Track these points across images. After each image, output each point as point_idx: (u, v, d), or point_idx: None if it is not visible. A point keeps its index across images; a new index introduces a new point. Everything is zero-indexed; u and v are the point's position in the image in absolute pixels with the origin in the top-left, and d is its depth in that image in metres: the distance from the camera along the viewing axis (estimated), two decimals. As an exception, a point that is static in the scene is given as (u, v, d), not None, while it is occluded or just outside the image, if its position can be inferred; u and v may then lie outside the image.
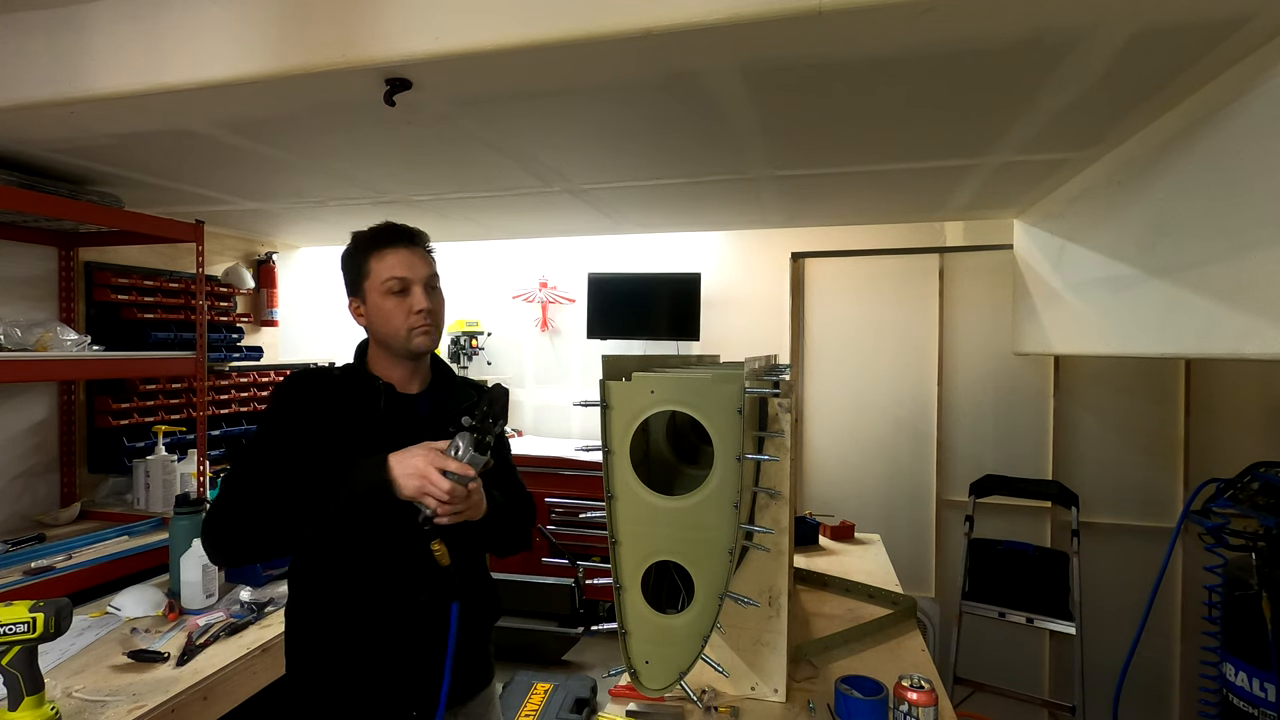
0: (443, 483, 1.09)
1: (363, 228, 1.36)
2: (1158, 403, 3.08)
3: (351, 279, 1.32)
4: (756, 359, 1.43)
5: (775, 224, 3.25)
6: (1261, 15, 1.15)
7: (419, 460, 1.11)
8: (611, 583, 1.07)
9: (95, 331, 2.53)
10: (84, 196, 2.20)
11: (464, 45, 1.27)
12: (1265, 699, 1.85)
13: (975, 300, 3.38)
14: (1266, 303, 1.28)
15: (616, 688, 1.44)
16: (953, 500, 3.38)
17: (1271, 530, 1.87)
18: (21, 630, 1.18)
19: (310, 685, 1.26)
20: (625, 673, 1.07)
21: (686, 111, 1.63)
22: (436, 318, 1.31)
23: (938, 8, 1.10)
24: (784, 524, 1.36)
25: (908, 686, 1.21)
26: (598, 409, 1.08)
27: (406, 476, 1.10)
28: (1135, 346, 1.88)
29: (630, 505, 1.06)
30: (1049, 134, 1.78)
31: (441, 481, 1.09)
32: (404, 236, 1.30)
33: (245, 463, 1.23)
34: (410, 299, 1.27)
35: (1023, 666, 3.22)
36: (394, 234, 1.30)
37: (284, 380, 1.31)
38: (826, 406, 3.61)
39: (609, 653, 3.34)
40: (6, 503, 2.36)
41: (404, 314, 1.26)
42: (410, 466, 1.10)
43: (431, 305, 1.28)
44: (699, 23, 1.16)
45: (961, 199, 2.57)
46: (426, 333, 1.28)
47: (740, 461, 1.01)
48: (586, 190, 2.48)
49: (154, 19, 1.46)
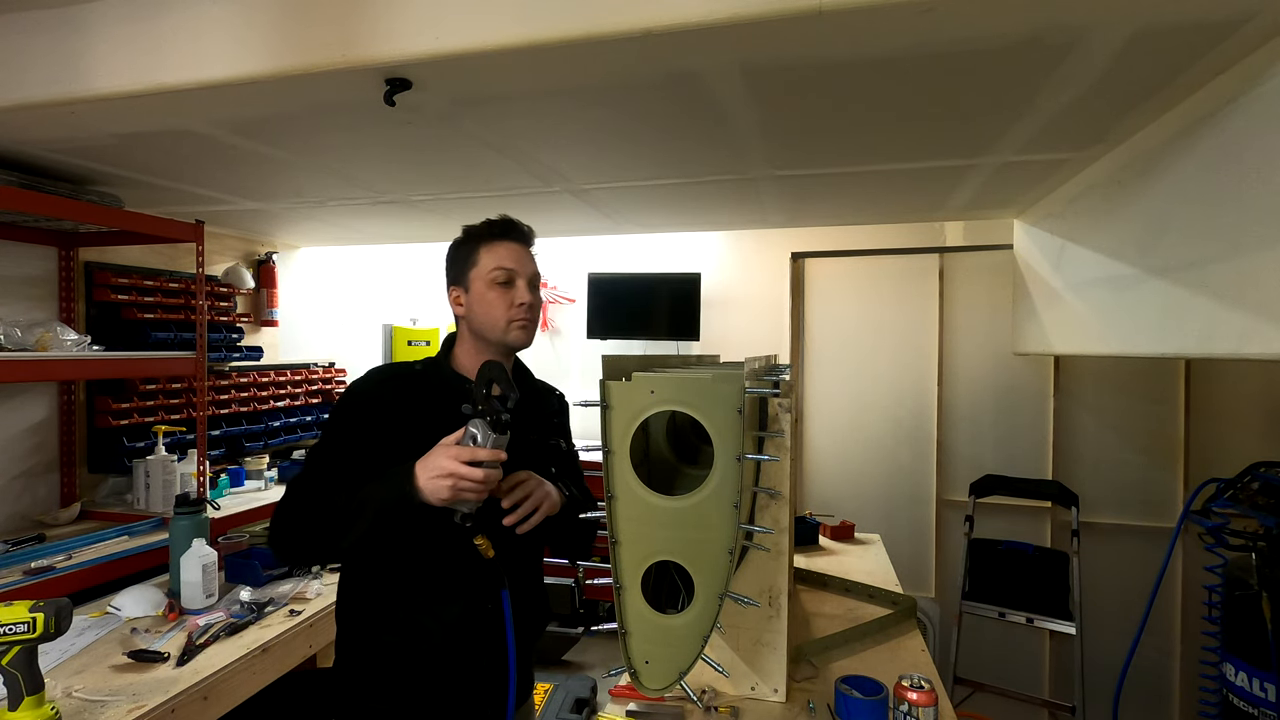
0: (475, 473, 1.07)
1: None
2: (1158, 403, 3.08)
3: (458, 268, 1.32)
4: (756, 359, 1.43)
5: (775, 224, 3.25)
6: (1261, 15, 1.15)
7: (442, 460, 1.08)
8: (611, 583, 1.07)
9: (95, 331, 2.53)
10: (84, 196, 2.20)
11: (464, 45, 1.27)
12: (1265, 699, 1.85)
13: (975, 300, 3.38)
14: (1266, 303, 1.28)
15: (616, 688, 1.44)
16: (953, 500, 3.38)
17: (1271, 530, 1.87)
18: (21, 630, 1.18)
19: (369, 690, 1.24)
20: (625, 673, 1.07)
21: (686, 112, 1.63)
22: (535, 314, 1.31)
23: (937, 8, 1.10)
24: (784, 524, 1.36)
25: (908, 686, 1.21)
26: (598, 409, 1.08)
27: (435, 480, 1.07)
28: (1135, 346, 1.88)
29: (630, 505, 1.06)
30: (1049, 134, 1.78)
31: (473, 472, 1.07)
32: (517, 232, 1.32)
33: (310, 464, 1.23)
34: (514, 292, 1.27)
35: (1023, 666, 3.22)
36: (508, 228, 1.32)
37: (360, 378, 1.29)
38: (826, 406, 3.61)
39: (609, 653, 3.35)
40: (6, 503, 2.36)
41: (506, 305, 1.26)
42: (436, 469, 1.08)
43: (532, 300, 1.29)
44: (699, 23, 1.16)
45: (961, 199, 2.57)
46: (524, 327, 1.28)
47: (740, 461, 1.01)
48: (586, 190, 2.48)
49: (154, 19, 1.46)
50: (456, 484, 1.07)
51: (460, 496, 1.08)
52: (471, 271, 1.29)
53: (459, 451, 1.08)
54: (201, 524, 1.90)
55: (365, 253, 4.13)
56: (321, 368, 3.78)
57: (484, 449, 1.08)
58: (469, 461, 1.07)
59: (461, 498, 1.09)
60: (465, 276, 1.30)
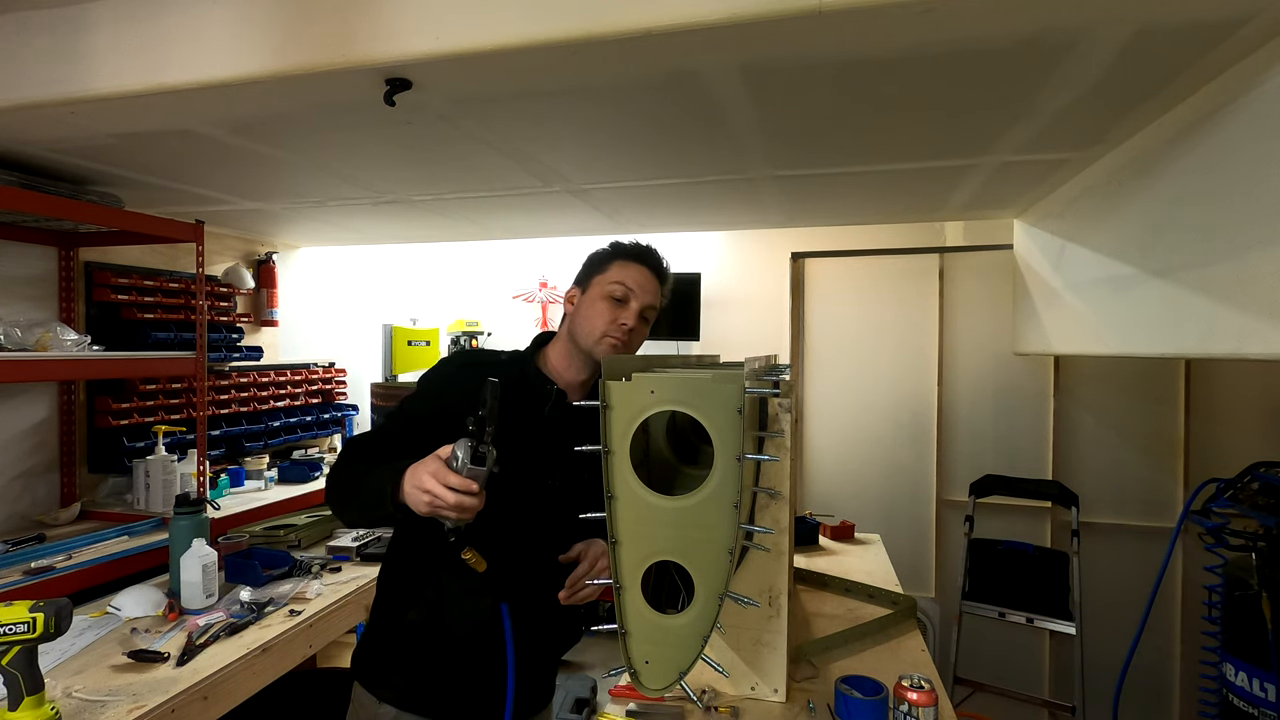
0: (447, 495, 1.05)
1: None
2: (1158, 403, 3.08)
3: (587, 272, 1.36)
4: (756, 359, 1.43)
5: (775, 224, 3.25)
6: (1261, 15, 1.15)
7: (423, 473, 1.07)
8: (611, 583, 1.07)
9: (95, 331, 2.53)
10: (84, 196, 2.20)
11: (464, 45, 1.27)
12: (1265, 699, 1.85)
13: (975, 300, 3.38)
14: (1266, 303, 1.28)
15: (616, 688, 1.44)
16: (953, 500, 3.38)
17: (1271, 530, 1.87)
18: (21, 630, 1.18)
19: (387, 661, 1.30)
20: (625, 673, 1.07)
21: (686, 112, 1.63)
22: (632, 339, 1.31)
23: (937, 8, 1.10)
24: (784, 524, 1.36)
25: (908, 686, 1.21)
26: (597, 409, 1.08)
27: (414, 491, 1.07)
28: (1135, 346, 1.88)
29: (630, 505, 1.06)
30: (1049, 134, 1.78)
31: (446, 495, 1.05)
32: (653, 260, 1.34)
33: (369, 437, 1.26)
34: (623, 310, 1.29)
35: (1023, 666, 3.22)
36: (646, 254, 1.34)
37: (443, 360, 1.33)
38: (826, 406, 3.61)
39: (609, 653, 3.34)
40: (6, 503, 2.36)
41: (609, 319, 1.28)
42: (416, 479, 1.07)
43: (635, 326, 1.29)
44: (699, 23, 1.16)
45: (961, 199, 2.57)
46: (615, 346, 1.28)
47: (740, 461, 1.01)
48: (586, 190, 2.48)
49: (154, 19, 1.46)
50: (432, 501, 1.06)
51: (436, 514, 1.07)
52: (595, 277, 1.33)
53: (438, 469, 1.06)
54: (201, 524, 1.90)
55: (365, 253, 4.13)
56: (321, 368, 3.78)
57: (455, 475, 1.05)
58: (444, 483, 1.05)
59: (438, 515, 1.07)
60: (589, 280, 1.34)
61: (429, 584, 1.28)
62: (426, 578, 1.28)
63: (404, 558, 1.33)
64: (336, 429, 3.82)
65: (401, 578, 1.33)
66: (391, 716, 1.27)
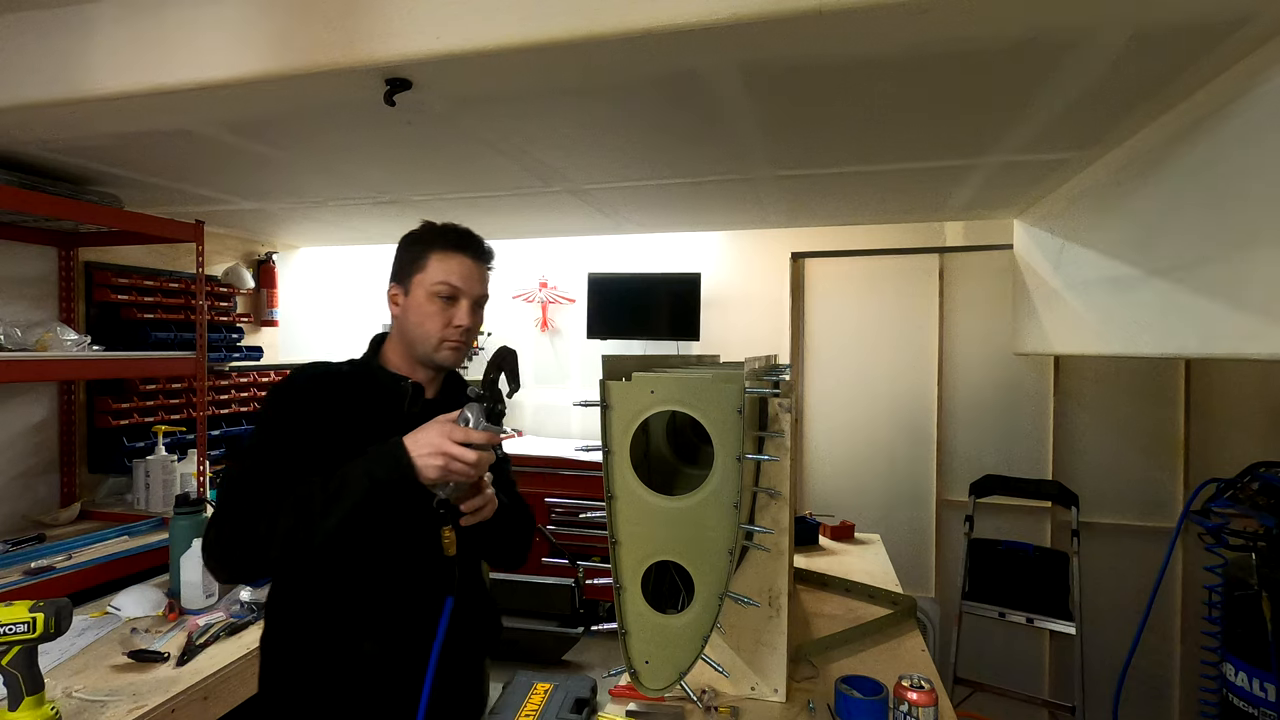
0: (468, 454, 1.05)
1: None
2: (1158, 403, 3.08)
3: (404, 266, 1.25)
4: (756, 359, 1.43)
5: (775, 224, 3.25)
6: (1261, 15, 1.15)
7: (435, 437, 1.05)
8: (611, 583, 1.07)
9: (95, 331, 2.53)
10: (84, 196, 2.20)
11: (464, 45, 1.27)
12: (1265, 699, 1.85)
13: (975, 300, 3.38)
14: (1266, 303, 1.28)
15: (616, 688, 1.44)
16: (953, 500, 3.38)
17: (1271, 530, 1.87)
18: (21, 630, 1.18)
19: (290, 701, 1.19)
20: (625, 673, 1.07)
21: (687, 112, 1.63)
22: (470, 337, 1.26)
23: (936, 8, 1.10)
24: (784, 524, 1.36)
25: (908, 686, 1.21)
26: (598, 409, 1.08)
27: (427, 457, 1.05)
28: (1135, 346, 1.88)
29: (630, 505, 1.06)
30: (1049, 134, 1.78)
31: (466, 453, 1.05)
32: (475, 247, 1.25)
33: (249, 468, 1.14)
34: (454, 310, 1.22)
35: (1023, 666, 3.22)
36: (466, 241, 1.25)
37: (288, 377, 1.22)
38: (826, 406, 3.61)
39: (609, 653, 3.34)
40: (6, 503, 2.36)
41: (442, 323, 1.21)
42: (428, 445, 1.05)
43: (471, 324, 1.24)
44: (699, 23, 1.16)
45: (961, 199, 2.57)
46: (456, 349, 1.24)
47: (740, 461, 1.01)
48: (586, 190, 2.48)
49: (154, 19, 1.46)
50: (448, 463, 1.05)
51: (449, 477, 1.06)
52: (416, 276, 1.22)
53: (452, 430, 1.06)
54: (201, 524, 1.90)
55: (365, 253, 4.13)
56: (321, 368, 3.78)
57: (477, 431, 1.07)
58: (461, 442, 1.05)
59: (450, 478, 1.07)
60: (409, 279, 1.23)
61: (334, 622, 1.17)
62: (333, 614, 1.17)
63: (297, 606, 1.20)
64: (336, 429, 3.81)
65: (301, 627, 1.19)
66: None
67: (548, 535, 3.51)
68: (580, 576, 3.34)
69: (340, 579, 1.18)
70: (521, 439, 4.05)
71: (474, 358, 4.14)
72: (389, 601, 1.19)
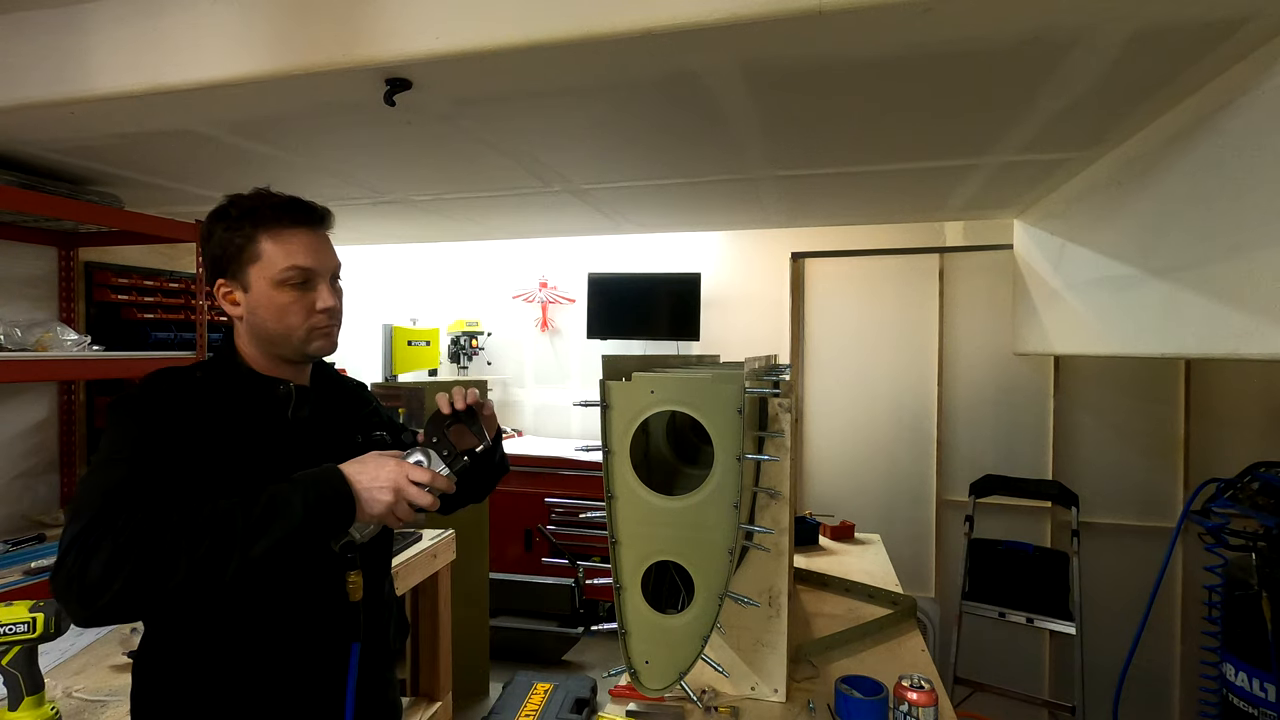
0: (424, 496, 0.95)
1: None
2: (1158, 403, 3.08)
3: (228, 256, 1.01)
4: (756, 359, 1.43)
5: (775, 224, 3.25)
6: (1261, 15, 1.15)
7: (392, 471, 0.94)
8: (611, 583, 1.07)
9: (95, 331, 2.53)
10: (84, 196, 2.20)
11: (464, 45, 1.27)
12: (1265, 699, 1.85)
13: (975, 300, 3.38)
14: (1266, 303, 1.28)
15: (616, 688, 1.44)
16: (953, 500, 3.38)
17: (1271, 530, 1.87)
18: (21, 630, 1.18)
19: None
20: (625, 673, 1.07)
21: (687, 112, 1.63)
22: (339, 318, 1.08)
23: (937, 7, 1.10)
24: (784, 524, 1.36)
25: (908, 686, 1.21)
26: (598, 409, 1.08)
27: (376, 491, 0.92)
28: (1135, 346, 1.88)
29: (630, 505, 1.06)
30: (1049, 134, 1.78)
31: (422, 495, 0.95)
32: (312, 217, 1.06)
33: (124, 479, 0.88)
34: (314, 295, 1.03)
35: (1023, 666, 3.22)
36: (298, 211, 1.04)
37: (140, 386, 0.99)
38: (826, 406, 3.61)
39: (609, 653, 3.34)
40: (6, 503, 2.36)
41: (304, 312, 1.02)
42: (385, 479, 0.93)
43: (335, 304, 1.06)
44: (699, 23, 1.16)
45: (961, 199, 2.57)
46: (328, 335, 1.06)
47: (740, 461, 1.01)
48: (586, 190, 2.48)
49: (154, 19, 1.46)
50: (398, 501, 0.94)
51: (392, 517, 0.95)
52: (251, 267, 1.01)
53: (413, 470, 0.95)
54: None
55: (365, 253, 4.13)
56: (321, 368, 3.78)
57: (441, 476, 0.97)
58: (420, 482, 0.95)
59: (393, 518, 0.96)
60: (242, 271, 1.01)
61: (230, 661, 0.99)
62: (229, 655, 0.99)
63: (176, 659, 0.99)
64: (336, 429, 3.81)
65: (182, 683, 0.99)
66: None
67: (548, 535, 3.52)
68: (580, 576, 3.34)
69: (232, 626, 0.98)
70: (521, 439, 4.05)
71: (474, 357, 4.14)
72: (288, 653, 1.02)
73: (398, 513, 0.95)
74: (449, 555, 2.43)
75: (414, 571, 2.19)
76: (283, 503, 0.88)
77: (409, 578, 2.16)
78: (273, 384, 1.06)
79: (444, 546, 2.39)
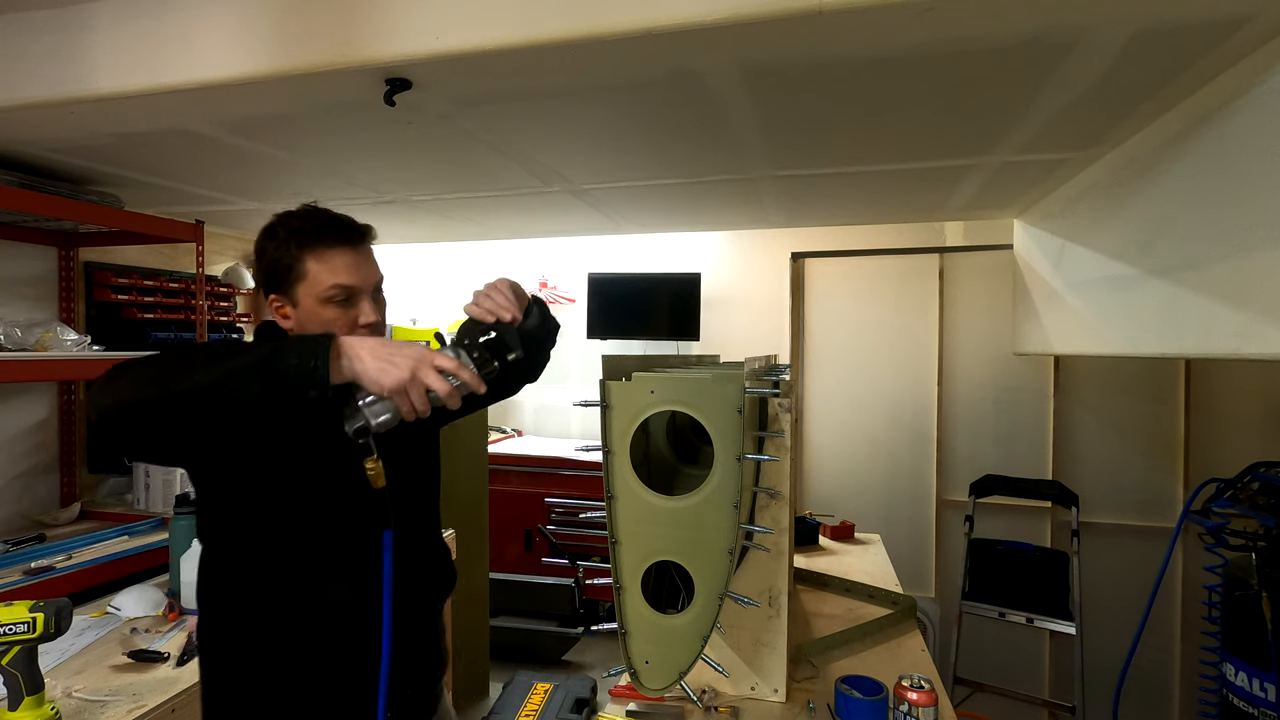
0: (442, 384, 0.90)
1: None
2: (1158, 403, 3.08)
3: (279, 274, 1.09)
4: (756, 359, 1.43)
5: (775, 224, 3.25)
6: (1261, 15, 1.15)
7: (414, 351, 0.90)
8: (611, 583, 1.07)
9: (95, 331, 2.53)
10: (84, 196, 2.20)
11: (464, 45, 1.27)
12: (1265, 699, 1.85)
13: (975, 300, 3.38)
14: (1266, 303, 1.28)
15: (616, 688, 1.44)
16: (953, 500, 3.38)
17: (1271, 530, 1.87)
18: (21, 630, 1.18)
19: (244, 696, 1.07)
20: (625, 673, 1.07)
21: (687, 111, 1.63)
22: (381, 331, 1.12)
23: (937, 7, 1.10)
24: (784, 524, 1.36)
25: (908, 686, 1.21)
26: (598, 409, 1.08)
27: (388, 363, 0.88)
28: (1135, 346, 1.88)
29: (630, 505, 1.06)
30: (1049, 134, 1.78)
31: (441, 383, 0.90)
32: (353, 235, 1.11)
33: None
34: (356, 311, 1.08)
35: (1023, 666, 3.22)
36: (340, 231, 1.10)
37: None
38: (826, 406, 3.61)
39: (609, 653, 3.34)
40: (6, 503, 2.36)
41: (347, 327, 1.07)
42: (402, 354, 0.89)
43: (378, 318, 1.10)
44: (699, 23, 1.16)
45: (961, 199, 2.57)
46: None
47: (740, 461, 1.01)
48: (586, 190, 2.48)
49: (154, 19, 1.46)
50: (414, 381, 0.89)
51: (404, 398, 0.90)
52: (299, 286, 1.07)
53: (439, 356, 0.91)
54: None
55: (365, 253, 4.13)
56: (321, 368, 3.78)
57: (468, 369, 0.94)
58: (445, 369, 0.91)
59: (403, 402, 0.91)
60: (291, 289, 1.08)
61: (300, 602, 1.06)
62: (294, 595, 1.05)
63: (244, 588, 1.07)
64: (336, 429, 3.81)
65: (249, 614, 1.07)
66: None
67: (548, 535, 3.51)
68: (580, 576, 3.34)
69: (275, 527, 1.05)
70: (521, 439, 4.05)
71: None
72: (327, 543, 1.07)
73: (413, 395, 0.90)
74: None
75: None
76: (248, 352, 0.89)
77: (409, 578, 2.16)
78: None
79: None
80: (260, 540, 1.06)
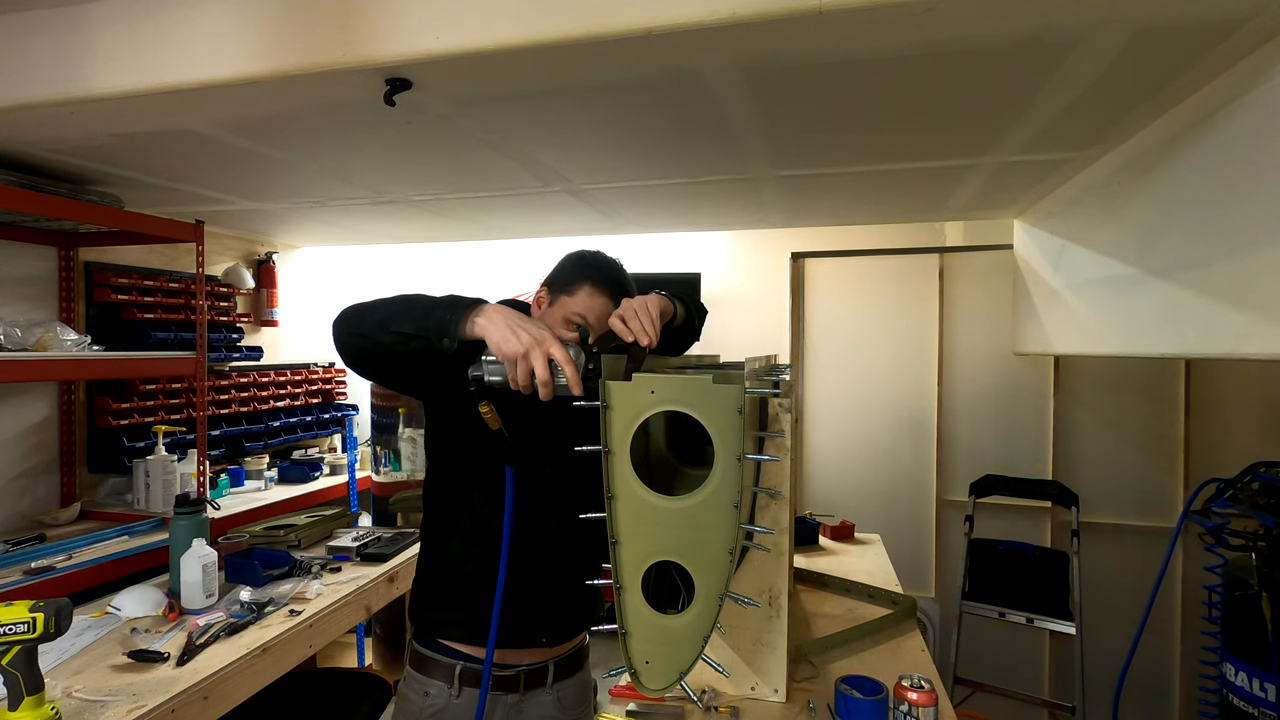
0: (544, 370, 1.03)
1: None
2: (1158, 403, 3.08)
3: (561, 281, 1.35)
4: (756, 359, 1.43)
5: (775, 224, 3.25)
6: (1261, 15, 1.15)
7: (541, 331, 1.05)
8: (611, 583, 1.07)
9: (95, 331, 2.53)
10: (84, 196, 2.20)
11: (464, 45, 1.27)
12: (1265, 699, 1.85)
13: (975, 300, 3.38)
14: (1266, 303, 1.28)
15: (616, 688, 1.44)
16: (953, 500, 3.38)
17: (1271, 530, 1.87)
18: (21, 630, 1.18)
19: (441, 600, 1.37)
20: (625, 673, 1.07)
21: (687, 112, 1.63)
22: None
23: (938, 7, 1.10)
24: (784, 524, 1.36)
25: (908, 686, 1.21)
26: (598, 409, 1.08)
27: (514, 335, 1.04)
28: (1135, 346, 1.88)
29: (630, 505, 1.06)
30: (1049, 134, 1.78)
31: (543, 369, 1.03)
32: (618, 290, 1.33)
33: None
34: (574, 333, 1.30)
35: (1023, 666, 3.22)
36: (614, 283, 1.33)
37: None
38: (826, 406, 3.61)
39: (609, 653, 3.34)
40: (6, 503, 2.36)
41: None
42: (530, 330, 1.04)
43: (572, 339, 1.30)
44: (699, 23, 1.16)
45: (961, 199, 2.57)
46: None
47: (740, 462, 1.01)
48: (586, 190, 2.48)
49: (154, 19, 1.46)
50: (527, 355, 1.03)
51: (513, 368, 1.05)
52: (564, 296, 1.33)
53: (557, 346, 1.05)
54: (201, 524, 1.90)
55: (365, 253, 4.13)
56: (321, 368, 3.78)
57: (573, 367, 1.05)
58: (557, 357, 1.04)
59: (511, 370, 1.05)
60: (559, 294, 1.34)
61: (463, 511, 1.34)
62: (460, 505, 1.35)
63: (438, 495, 1.39)
64: (336, 429, 3.82)
65: (439, 514, 1.39)
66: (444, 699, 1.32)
67: (548, 535, 3.51)
68: (580, 576, 3.33)
69: (454, 454, 1.36)
70: (521, 439, 4.04)
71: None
72: (480, 471, 1.33)
73: (521, 368, 1.04)
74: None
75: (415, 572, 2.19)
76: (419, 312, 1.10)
77: (409, 578, 2.16)
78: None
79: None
80: (449, 461, 1.38)
